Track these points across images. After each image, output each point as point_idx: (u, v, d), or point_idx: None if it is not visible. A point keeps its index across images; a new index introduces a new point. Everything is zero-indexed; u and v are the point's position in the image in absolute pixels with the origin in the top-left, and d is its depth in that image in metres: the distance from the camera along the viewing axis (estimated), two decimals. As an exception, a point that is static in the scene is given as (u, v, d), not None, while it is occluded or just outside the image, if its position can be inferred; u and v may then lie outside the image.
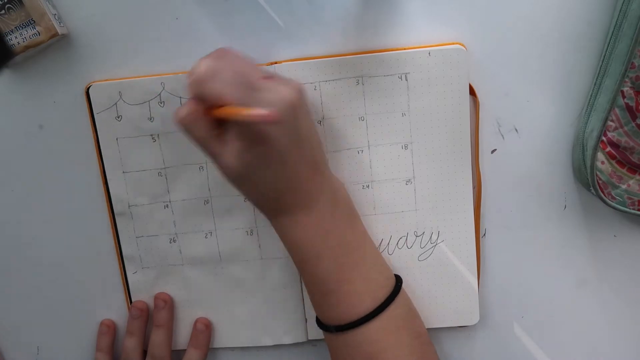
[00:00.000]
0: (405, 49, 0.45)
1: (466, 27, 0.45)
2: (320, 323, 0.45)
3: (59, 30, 0.44)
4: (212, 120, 0.38)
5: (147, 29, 0.46)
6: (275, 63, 0.46)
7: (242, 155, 0.38)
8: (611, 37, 0.43)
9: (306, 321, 0.50)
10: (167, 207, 0.49)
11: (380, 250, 0.49)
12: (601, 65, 0.44)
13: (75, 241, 0.50)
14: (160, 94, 0.46)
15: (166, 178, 0.48)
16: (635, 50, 0.40)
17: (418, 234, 0.48)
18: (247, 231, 0.49)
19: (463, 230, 0.48)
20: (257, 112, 0.35)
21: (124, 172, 0.48)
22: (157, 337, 0.49)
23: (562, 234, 0.49)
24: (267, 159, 0.39)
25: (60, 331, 0.52)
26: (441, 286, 0.49)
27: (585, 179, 0.45)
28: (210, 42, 0.46)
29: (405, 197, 0.48)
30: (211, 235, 0.49)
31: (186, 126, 0.38)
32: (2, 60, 0.37)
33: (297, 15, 0.46)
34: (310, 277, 0.43)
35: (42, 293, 0.51)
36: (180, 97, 0.46)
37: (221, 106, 0.37)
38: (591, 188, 0.45)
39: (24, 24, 0.43)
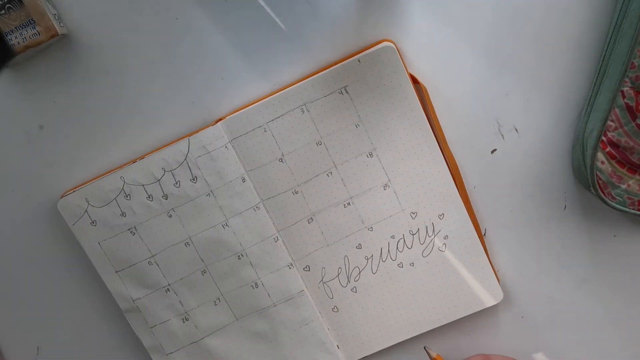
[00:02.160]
0: (334, 64, 0.46)
1: (465, 27, 0.45)
2: None
3: (59, 30, 0.44)
4: None
5: (147, 29, 0.46)
6: (220, 120, 0.46)
7: None
8: (611, 37, 0.43)
9: (338, 347, 0.50)
10: (169, 290, 0.49)
11: (383, 259, 0.49)
12: (601, 65, 0.44)
13: (70, 244, 0.50)
14: (123, 188, 0.47)
15: (157, 264, 0.49)
16: (635, 50, 0.40)
17: (413, 232, 0.48)
18: (252, 285, 0.49)
19: (455, 213, 0.48)
20: None
21: (116, 271, 0.49)
22: None
23: (562, 234, 0.49)
24: None
25: (60, 331, 0.52)
26: (454, 274, 0.48)
27: (585, 179, 0.45)
28: (210, 41, 0.46)
29: (388, 202, 0.48)
30: (219, 300, 0.50)
31: None
32: (2, 60, 0.37)
33: (297, 15, 0.46)
34: None
35: (42, 293, 0.51)
36: (143, 185, 0.47)
37: None
38: (591, 188, 0.45)
39: (24, 24, 0.43)
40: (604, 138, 0.43)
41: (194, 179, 0.47)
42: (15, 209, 0.50)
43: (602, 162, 0.44)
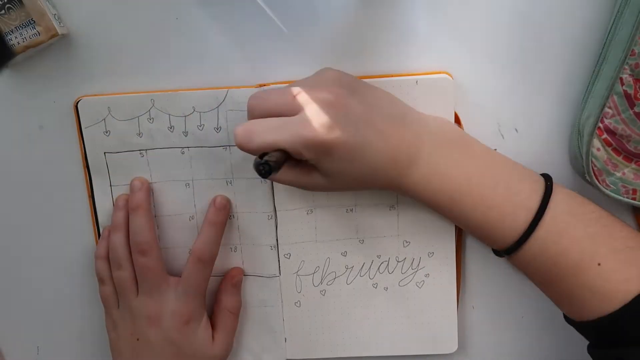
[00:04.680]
0: (392, 76, 0.45)
1: (468, 24, 0.45)
2: (495, 251, 0.46)
3: (59, 30, 0.44)
4: (292, 164, 0.41)
5: (147, 28, 0.46)
6: (264, 85, 0.46)
7: (326, 173, 0.41)
8: (612, 24, 0.42)
9: (285, 340, 0.50)
10: None
11: (361, 274, 0.49)
12: (601, 52, 0.43)
13: (70, 244, 0.50)
14: (149, 111, 0.47)
15: (152, 193, 0.48)
16: (636, 37, 0.40)
17: (400, 260, 0.49)
18: (231, 248, 0.49)
19: (444, 256, 0.48)
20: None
21: (110, 185, 0.48)
22: (136, 221, 0.46)
23: (563, 234, 0.49)
24: (344, 158, 0.40)
25: (60, 331, 0.52)
26: (420, 312, 0.49)
27: (581, 166, 0.44)
28: (211, 41, 0.46)
29: (388, 223, 0.48)
30: None
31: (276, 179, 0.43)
32: (2, 60, 0.37)
33: (297, 17, 0.46)
34: (460, 220, 0.43)
35: (42, 293, 0.51)
36: (169, 114, 0.46)
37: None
38: (586, 175, 0.44)
39: (24, 24, 0.43)
40: (600, 125, 0.43)
41: (218, 129, 0.47)
42: (15, 209, 0.50)
43: (598, 149, 0.43)
